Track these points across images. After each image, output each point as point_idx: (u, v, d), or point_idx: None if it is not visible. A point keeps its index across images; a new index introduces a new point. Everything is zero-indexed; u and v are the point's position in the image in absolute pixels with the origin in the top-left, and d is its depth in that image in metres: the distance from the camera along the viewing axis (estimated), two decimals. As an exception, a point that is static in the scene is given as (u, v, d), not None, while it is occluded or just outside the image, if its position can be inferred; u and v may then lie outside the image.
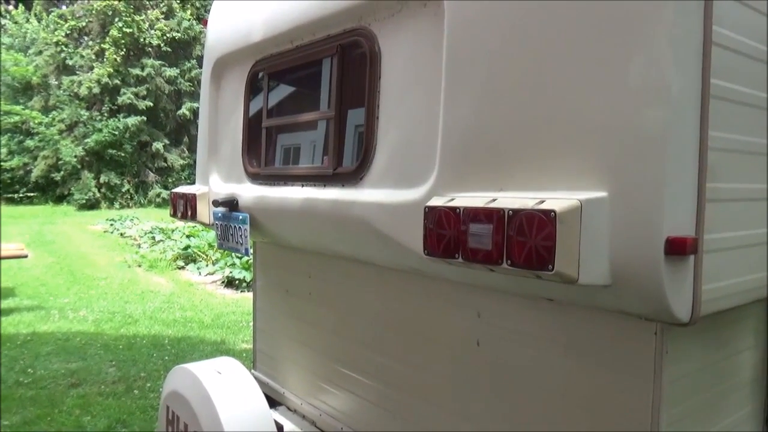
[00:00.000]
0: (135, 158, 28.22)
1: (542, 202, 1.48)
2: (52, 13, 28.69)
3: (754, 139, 1.77)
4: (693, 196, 1.50)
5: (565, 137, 1.58)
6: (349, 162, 2.40)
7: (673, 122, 1.42)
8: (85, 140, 27.06)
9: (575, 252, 1.43)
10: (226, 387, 2.66)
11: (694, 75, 1.48)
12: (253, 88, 3.05)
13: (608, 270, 1.48)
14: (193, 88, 28.97)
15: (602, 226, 1.47)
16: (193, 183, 3.60)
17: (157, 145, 28.18)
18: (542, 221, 1.44)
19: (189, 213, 3.41)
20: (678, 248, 1.42)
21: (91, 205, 26.61)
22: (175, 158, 28.80)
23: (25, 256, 9.14)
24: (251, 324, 3.82)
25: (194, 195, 3.35)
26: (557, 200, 1.46)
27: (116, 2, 26.50)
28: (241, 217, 2.94)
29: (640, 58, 1.46)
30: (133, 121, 27.24)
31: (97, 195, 27.03)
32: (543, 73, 1.64)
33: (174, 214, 3.62)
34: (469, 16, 1.83)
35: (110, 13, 26.63)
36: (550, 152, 1.61)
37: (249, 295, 9.56)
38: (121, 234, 17.86)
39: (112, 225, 19.61)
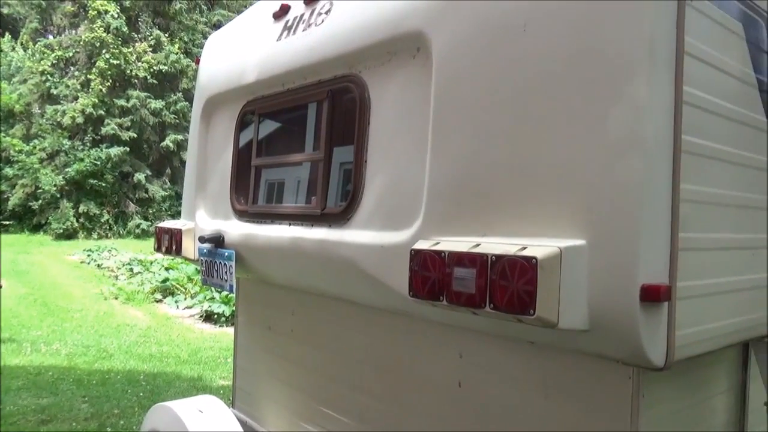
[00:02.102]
0: (116, 188, 27.99)
1: (524, 248, 1.55)
2: (39, 43, 28.77)
3: (723, 191, 1.86)
4: (666, 245, 1.57)
5: (546, 186, 1.66)
6: (336, 203, 2.46)
7: (647, 175, 1.51)
8: (66, 169, 26.83)
9: (555, 297, 1.49)
10: (209, 426, 2.63)
11: (666, 131, 1.57)
12: (243, 127, 3.12)
13: (587, 315, 1.54)
14: (177, 121, 29.04)
15: (581, 273, 1.53)
16: (175, 215, 3.63)
17: (139, 176, 28.02)
18: (524, 267, 1.51)
19: (174, 248, 3.42)
20: (652, 295, 1.49)
21: (69, 235, 26.20)
22: (156, 189, 28.63)
23: (-1, 287, 8.95)
24: (231, 360, 3.79)
25: (180, 230, 3.36)
26: (539, 247, 1.53)
27: (104, 34, 26.68)
28: (226, 254, 2.97)
29: (616, 114, 1.55)
30: (115, 151, 27.13)
31: (75, 225, 26.65)
32: (525, 123, 1.72)
33: (158, 249, 3.62)
34: (455, 68, 1.92)
35: (98, 44, 26.78)
36: (531, 200, 1.69)
37: (227, 330, 9.44)
38: (98, 265, 17.58)
39: (89, 256, 19.30)
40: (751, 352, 2.17)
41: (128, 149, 27.72)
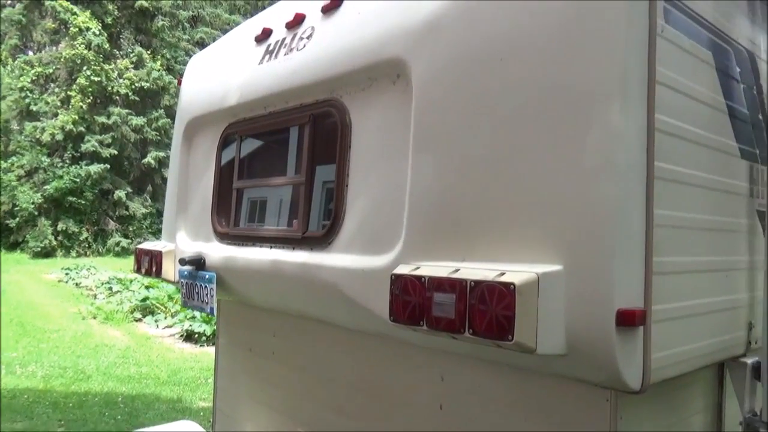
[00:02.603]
0: (95, 206, 27.64)
1: (502, 274, 1.57)
2: (19, 59, 28.50)
3: (696, 215, 1.91)
4: (641, 269, 1.61)
5: (523, 212, 1.69)
6: (318, 226, 2.47)
7: (621, 201, 1.55)
8: (45, 187, 26.45)
9: (533, 323, 1.51)
10: (187, 452, 2.60)
11: (639, 158, 1.62)
12: (224, 149, 3.12)
13: (564, 340, 1.56)
14: (159, 138, 28.86)
15: (558, 299, 1.56)
16: (155, 232, 3.61)
17: (120, 193, 27.72)
18: (502, 293, 1.53)
19: (154, 270, 3.39)
20: (628, 320, 1.52)
21: (47, 254, 25.76)
22: (137, 207, 28.33)
23: (-26, 307, 8.76)
24: (212, 381, 3.75)
25: (160, 252, 3.34)
26: (516, 273, 1.55)
27: (85, 51, 26.51)
28: (207, 276, 2.95)
29: (590, 141, 1.59)
30: (95, 168, 26.83)
31: (54, 243, 26.22)
32: (503, 150, 1.76)
33: (138, 270, 3.59)
34: (435, 95, 1.96)
35: (79, 61, 26.59)
36: (509, 225, 1.71)
37: (208, 350, 9.32)
38: (77, 284, 17.29)
39: (67, 274, 18.97)
40: (727, 372, 2.20)
41: (108, 166, 27.43)
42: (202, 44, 28.58)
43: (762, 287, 2.17)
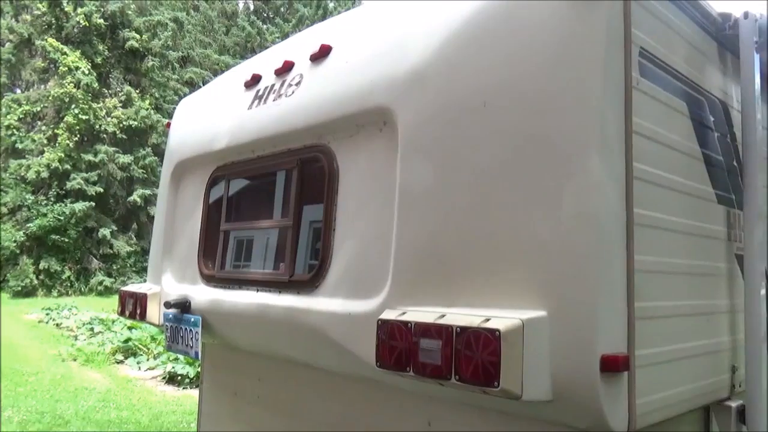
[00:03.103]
0: (79, 244, 27.28)
1: (488, 320, 1.59)
2: (6, 98, 28.54)
3: (676, 260, 1.95)
4: (623, 314, 1.64)
5: (508, 258, 1.72)
6: (304, 270, 2.47)
7: (602, 247, 1.59)
8: (28, 225, 26.13)
9: (519, 369, 1.52)
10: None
11: (619, 205, 1.66)
12: (212, 192, 3.14)
13: (549, 386, 1.57)
14: (146, 175, 28.79)
15: (543, 345, 1.57)
16: (140, 271, 3.59)
17: (104, 231, 27.43)
18: (488, 339, 1.54)
19: (138, 313, 3.36)
20: (612, 365, 1.54)
21: (27, 293, 25.24)
22: (121, 245, 28.02)
23: (-51, 350, 8.53)
24: (194, 426, 3.67)
25: (145, 294, 3.31)
26: (501, 319, 1.57)
27: (74, 90, 26.63)
28: (192, 320, 2.93)
29: (570, 190, 1.64)
30: (80, 206, 26.60)
31: (35, 282, 25.74)
32: (487, 198, 1.80)
33: (122, 313, 3.54)
34: (420, 143, 2.01)
35: (67, 99, 26.68)
36: (494, 271, 1.74)
37: (192, 393, 9.11)
38: (57, 324, 16.90)
39: (48, 314, 18.55)
40: (713, 415, 2.21)
41: (94, 204, 27.22)
42: (191, 84, 28.89)
43: (743, 330, 2.21)
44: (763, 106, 2.38)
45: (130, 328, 13.48)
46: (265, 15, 38.31)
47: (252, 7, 38.36)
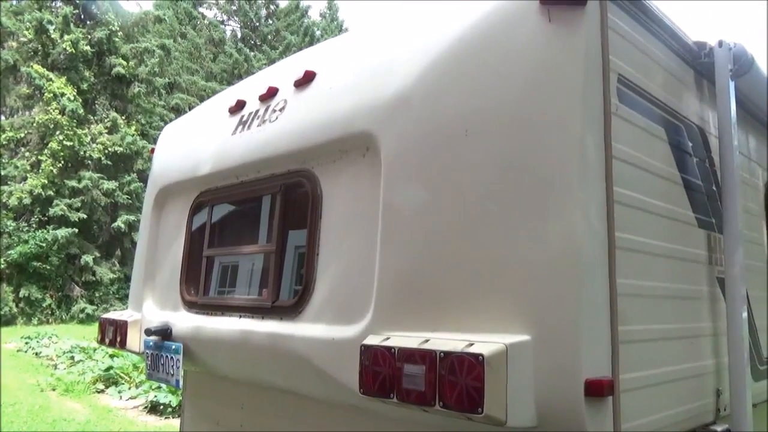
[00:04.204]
0: (61, 271, 26.83)
1: (471, 344, 1.57)
2: (-10, 124, 28.31)
3: (658, 284, 1.96)
4: (607, 339, 1.63)
5: (491, 283, 1.71)
6: (288, 295, 2.45)
7: (584, 272, 1.59)
8: (9, 252, 25.69)
9: (503, 395, 1.51)
10: None
11: (600, 229, 1.67)
12: (195, 218, 3.12)
13: (534, 412, 1.56)
14: (130, 201, 28.54)
15: (527, 369, 1.56)
16: (122, 298, 3.53)
17: (87, 258, 27.03)
18: (471, 364, 1.53)
19: (118, 340, 3.29)
20: (596, 390, 1.53)
21: (6, 321, 24.68)
22: (104, 272, 27.61)
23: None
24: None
25: (126, 322, 3.26)
26: (485, 344, 1.56)
27: (59, 116, 26.51)
28: (173, 347, 2.87)
29: (552, 215, 1.64)
30: (63, 233, 26.23)
31: (14, 310, 25.21)
32: (469, 223, 1.80)
33: (102, 341, 3.48)
34: (403, 169, 2.01)
35: (52, 126, 26.53)
36: (478, 296, 1.74)
37: (175, 422, 8.91)
38: (36, 353, 16.51)
39: (27, 343, 18.13)
40: (698, 440, 2.20)
41: (77, 230, 26.88)
42: (177, 110, 28.90)
43: (726, 353, 2.21)
44: (740, 132, 2.43)
45: (111, 356, 13.20)
46: (252, 42, 38.65)
47: (239, 35, 38.70)
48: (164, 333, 2.95)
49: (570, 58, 1.69)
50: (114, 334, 3.32)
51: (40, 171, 26.84)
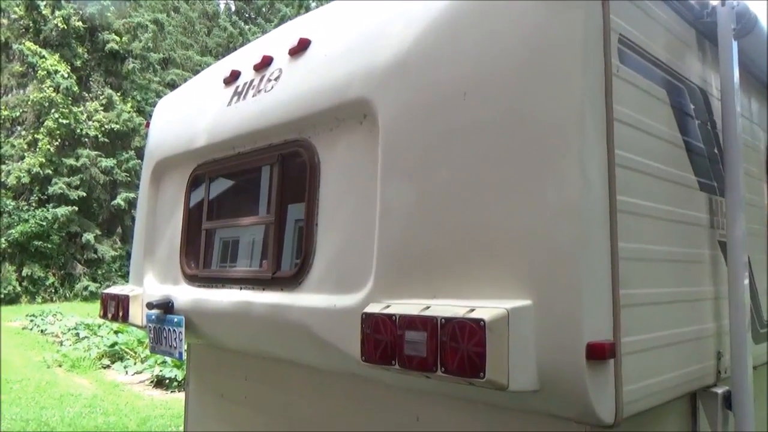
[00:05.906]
0: (62, 250, 26.94)
1: (472, 310, 1.57)
2: (-16, 103, 28.07)
3: (660, 247, 1.95)
4: (609, 302, 1.62)
5: (492, 248, 1.70)
6: (288, 266, 2.44)
7: (585, 235, 1.57)
8: (9, 231, 25.74)
9: (505, 359, 1.51)
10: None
11: (601, 192, 1.65)
12: (193, 191, 3.09)
13: (536, 376, 1.56)
14: (129, 179, 28.50)
15: (528, 334, 1.56)
16: (125, 275, 3.54)
17: (88, 236, 27.12)
18: (473, 329, 1.53)
19: (120, 314, 3.31)
20: (598, 353, 1.52)
21: (11, 300, 24.87)
22: (106, 249, 27.73)
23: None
24: (182, 430, 3.62)
25: (127, 296, 3.26)
26: (486, 309, 1.55)
27: (54, 94, 26.27)
28: (176, 320, 2.88)
29: (552, 178, 1.62)
30: (63, 211, 26.26)
31: (18, 289, 25.38)
32: (469, 188, 1.78)
33: (104, 316, 3.49)
34: (401, 135, 1.98)
35: (47, 104, 26.31)
36: (478, 262, 1.72)
37: (179, 396, 9.02)
38: (42, 331, 16.68)
39: (32, 321, 18.31)
40: (699, 402, 2.22)
41: (76, 209, 26.89)
42: (173, 86, 28.61)
43: (727, 316, 2.21)
44: (742, 94, 2.39)
45: (116, 332, 13.34)
46: (246, 15, 38.10)
47: (233, 8, 38.14)
48: (166, 306, 2.96)
49: (570, 18, 1.65)
50: (116, 309, 3.33)
51: (38, 150, 26.72)
